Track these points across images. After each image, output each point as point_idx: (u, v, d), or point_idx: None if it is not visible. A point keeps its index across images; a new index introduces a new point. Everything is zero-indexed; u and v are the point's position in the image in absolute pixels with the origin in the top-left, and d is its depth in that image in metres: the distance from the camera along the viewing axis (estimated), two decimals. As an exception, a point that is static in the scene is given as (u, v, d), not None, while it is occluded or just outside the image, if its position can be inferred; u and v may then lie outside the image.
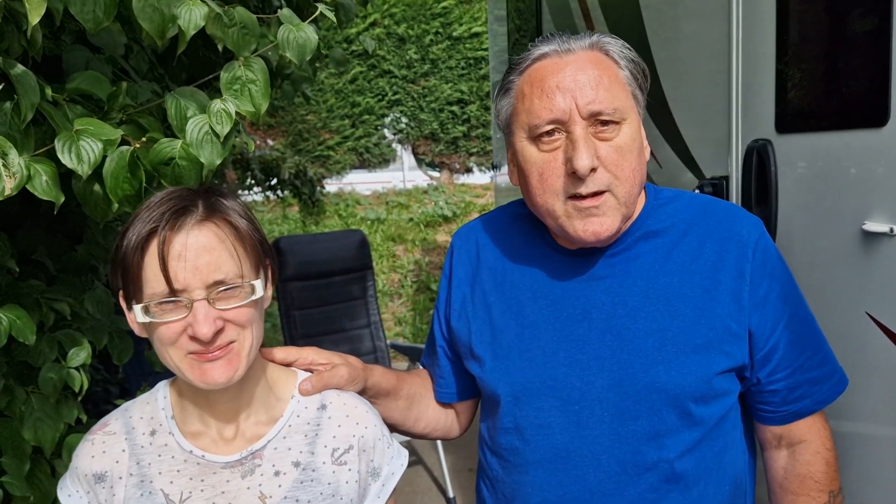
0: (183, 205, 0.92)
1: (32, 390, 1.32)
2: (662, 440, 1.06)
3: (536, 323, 1.14)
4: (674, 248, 1.12)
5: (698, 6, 1.97)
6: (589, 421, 1.08)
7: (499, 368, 1.15)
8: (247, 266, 0.95)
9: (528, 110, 1.06)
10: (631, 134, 1.06)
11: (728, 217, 1.13)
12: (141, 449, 1.00)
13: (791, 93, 1.60)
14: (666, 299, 1.08)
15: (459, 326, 1.24)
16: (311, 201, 5.37)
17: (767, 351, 1.09)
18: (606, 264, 1.12)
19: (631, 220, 1.13)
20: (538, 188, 1.07)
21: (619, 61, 1.09)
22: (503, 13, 4.45)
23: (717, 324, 1.07)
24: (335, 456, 1.04)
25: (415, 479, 3.67)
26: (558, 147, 1.05)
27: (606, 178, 1.04)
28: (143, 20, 1.07)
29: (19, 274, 1.32)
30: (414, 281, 7.61)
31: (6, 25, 1.00)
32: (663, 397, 1.05)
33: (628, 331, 1.08)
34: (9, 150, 0.89)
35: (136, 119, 1.15)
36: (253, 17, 1.20)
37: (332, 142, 10.83)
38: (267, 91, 1.14)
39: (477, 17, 10.77)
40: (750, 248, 1.09)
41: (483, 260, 1.25)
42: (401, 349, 3.89)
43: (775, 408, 1.13)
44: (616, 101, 1.04)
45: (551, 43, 1.08)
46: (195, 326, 0.90)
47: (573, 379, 1.09)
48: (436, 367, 1.34)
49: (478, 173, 11.21)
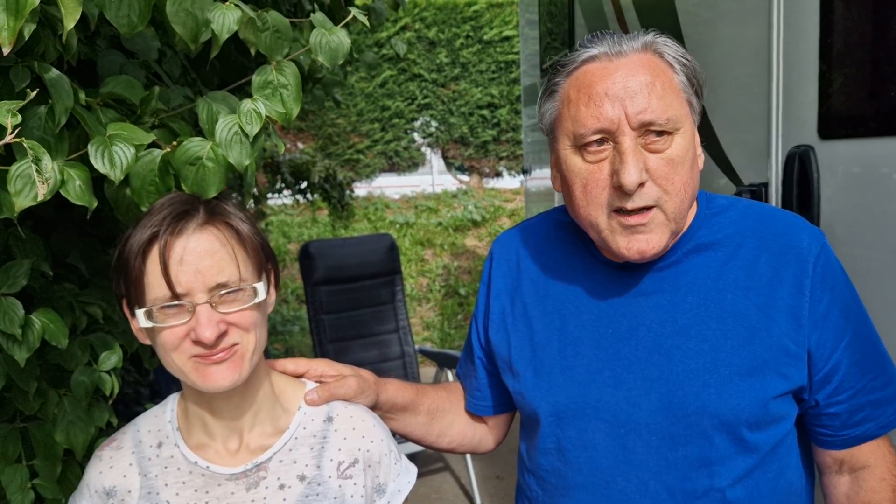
0: (184, 209, 0.92)
1: (65, 393, 1.33)
2: (714, 467, 1.01)
3: (580, 339, 1.09)
4: (727, 262, 1.05)
5: (737, 7, 1.93)
6: (636, 445, 1.03)
7: (540, 386, 1.11)
8: (249, 269, 0.95)
9: (574, 118, 1.00)
10: (684, 145, 1.00)
11: (787, 228, 1.06)
12: (148, 461, 1.01)
13: (834, 97, 1.55)
14: (718, 317, 1.02)
15: (498, 340, 1.19)
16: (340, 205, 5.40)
17: (828, 371, 1.02)
18: (655, 278, 1.07)
19: (682, 231, 1.07)
20: (582, 199, 1.02)
21: (675, 65, 1.02)
22: (535, 17, 4.43)
23: (773, 344, 1.01)
24: (341, 469, 1.03)
25: (442, 486, 3.64)
26: (605, 158, 0.99)
27: (655, 192, 0.98)
28: (176, 24, 1.06)
29: (53, 277, 1.33)
30: (442, 285, 7.60)
31: (42, 30, 1.00)
32: (715, 422, 1.00)
33: (678, 350, 1.03)
34: (42, 155, 0.89)
35: (167, 123, 1.15)
36: (285, 21, 1.19)
37: (361, 145, 10.89)
38: (299, 95, 1.13)
39: (508, 21, 10.75)
40: (810, 263, 1.02)
41: (524, 270, 1.19)
42: (429, 354, 3.87)
43: (835, 431, 1.06)
44: (669, 109, 0.98)
45: (601, 44, 1.01)
46: (198, 330, 0.89)
47: (619, 400, 1.04)
48: (472, 378, 1.30)
49: (507, 177, 11.18)
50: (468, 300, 7.19)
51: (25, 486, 1.26)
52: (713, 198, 1.13)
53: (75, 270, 1.44)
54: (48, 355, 1.29)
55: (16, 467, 1.27)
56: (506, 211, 9.78)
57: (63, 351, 1.27)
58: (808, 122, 1.60)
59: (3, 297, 1.13)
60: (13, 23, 0.85)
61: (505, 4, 10.86)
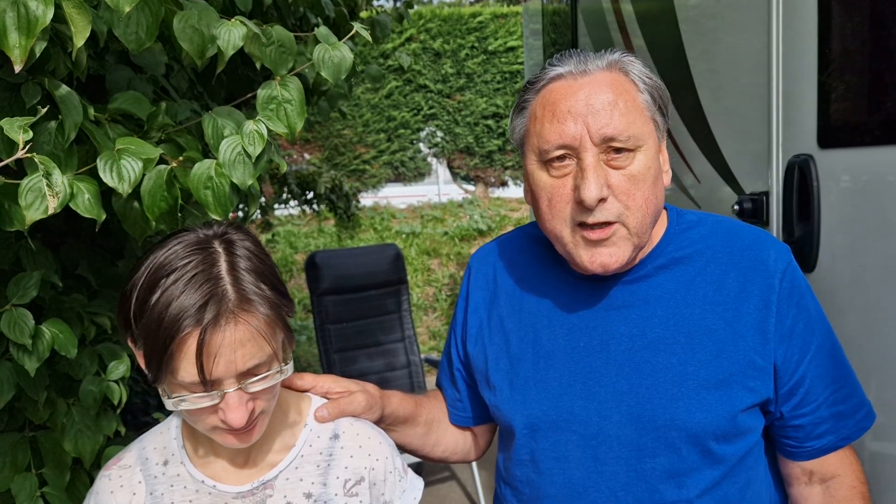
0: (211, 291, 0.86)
1: (73, 402, 1.35)
2: (682, 479, 1.02)
3: (553, 353, 1.11)
4: (696, 277, 1.07)
5: (737, 17, 1.94)
6: (607, 456, 1.05)
7: (515, 399, 1.12)
8: (276, 346, 0.91)
9: (539, 134, 1.03)
10: (646, 162, 1.01)
11: (754, 244, 1.08)
12: (154, 479, 1.00)
13: (834, 106, 1.56)
14: (687, 332, 1.04)
15: (475, 353, 1.21)
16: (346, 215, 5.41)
17: (793, 385, 1.04)
18: (625, 293, 1.09)
19: (651, 246, 1.10)
20: (547, 213, 1.04)
21: (639, 83, 1.03)
22: (539, 27, 4.45)
23: (740, 358, 1.02)
24: (347, 487, 1.02)
25: (448, 495, 3.64)
26: (568, 174, 1.01)
27: (616, 208, 0.99)
28: (183, 41, 1.09)
29: (62, 288, 1.35)
30: (448, 295, 7.61)
31: (52, 47, 1.03)
32: (683, 435, 1.01)
33: (647, 364, 1.04)
34: (52, 169, 0.91)
35: (174, 138, 1.17)
36: (290, 36, 1.22)
37: (367, 156, 10.94)
38: (303, 110, 1.15)
39: (512, 32, 10.80)
40: (777, 278, 1.04)
41: (500, 284, 1.21)
42: (435, 363, 3.88)
43: (800, 443, 1.08)
44: (632, 127, 0.99)
45: (567, 63, 1.04)
46: (228, 416, 0.88)
47: (590, 413, 1.06)
48: (452, 389, 1.31)
49: (513, 187, 11.21)
50: (474, 309, 7.18)
51: (34, 494, 1.28)
52: (683, 213, 1.15)
53: (84, 281, 1.46)
54: (57, 365, 1.31)
55: (25, 476, 1.29)
56: (511, 220, 9.79)
57: (72, 361, 1.29)
58: (808, 131, 1.61)
59: (14, 308, 1.15)
60: (25, 41, 0.87)
61: (509, 15, 10.92)
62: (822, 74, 1.57)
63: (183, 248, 0.89)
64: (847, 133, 1.54)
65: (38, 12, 0.87)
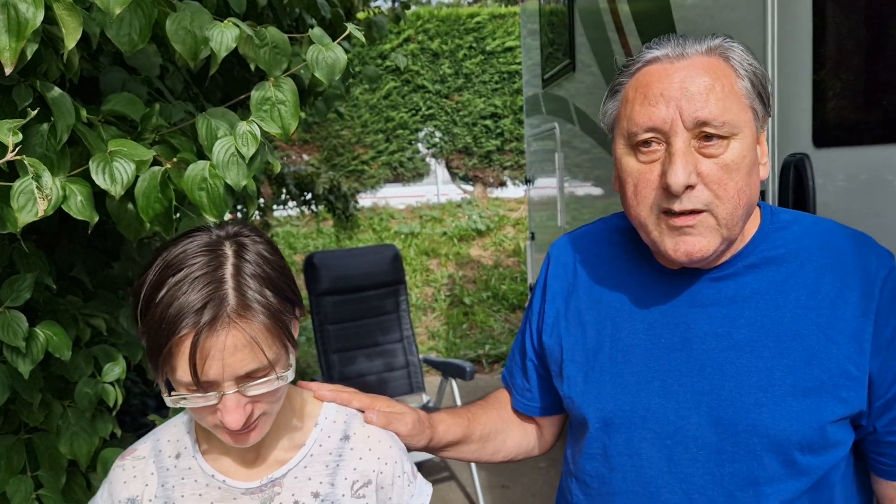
0: (212, 293, 0.86)
1: (69, 405, 1.35)
2: (761, 487, 0.97)
3: (631, 347, 1.07)
4: (789, 279, 1.01)
5: (733, 17, 1.95)
6: (682, 458, 1.01)
7: (589, 392, 1.09)
8: (278, 351, 0.91)
9: (629, 117, 0.99)
10: (741, 151, 0.96)
11: (854, 248, 1.02)
12: (166, 472, 1.01)
13: (829, 105, 1.56)
14: (776, 335, 0.98)
15: (551, 343, 1.18)
16: (345, 216, 5.41)
17: (889, 398, 0.97)
18: (712, 290, 1.04)
19: (742, 243, 1.04)
20: (633, 199, 1.00)
21: (739, 70, 0.98)
22: (536, 27, 4.46)
23: (833, 366, 0.96)
24: (354, 489, 1.03)
25: (448, 496, 3.64)
26: (657, 159, 0.97)
27: (706, 196, 0.95)
28: (176, 43, 1.09)
29: (57, 290, 1.35)
30: (447, 295, 7.61)
31: (44, 49, 1.03)
32: (766, 442, 0.96)
33: (731, 365, 0.99)
34: (42, 172, 0.91)
35: (168, 139, 1.17)
36: (284, 37, 1.22)
37: (366, 156, 10.94)
38: (296, 111, 1.15)
39: (510, 32, 10.81)
40: (877, 286, 0.98)
41: (580, 275, 1.18)
42: (433, 364, 3.88)
43: (894, 461, 1.01)
44: (727, 113, 0.94)
45: (664, 47, 1.00)
46: (224, 417, 0.89)
47: (667, 412, 1.02)
48: (521, 378, 1.28)
49: (511, 187, 11.21)
50: (473, 309, 7.19)
51: (30, 496, 1.28)
52: (777, 211, 1.10)
53: (79, 283, 1.46)
54: (52, 367, 1.31)
55: (20, 478, 1.29)
56: (510, 220, 9.79)
57: (67, 363, 1.29)
58: (803, 130, 1.61)
59: (7, 311, 1.15)
60: (15, 44, 0.87)
61: (507, 16, 10.93)
62: (818, 73, 1.57)
63: (194, 247, 0.89)
64: (842, 132, 1.54)
65: (29, 14, 0.87)
